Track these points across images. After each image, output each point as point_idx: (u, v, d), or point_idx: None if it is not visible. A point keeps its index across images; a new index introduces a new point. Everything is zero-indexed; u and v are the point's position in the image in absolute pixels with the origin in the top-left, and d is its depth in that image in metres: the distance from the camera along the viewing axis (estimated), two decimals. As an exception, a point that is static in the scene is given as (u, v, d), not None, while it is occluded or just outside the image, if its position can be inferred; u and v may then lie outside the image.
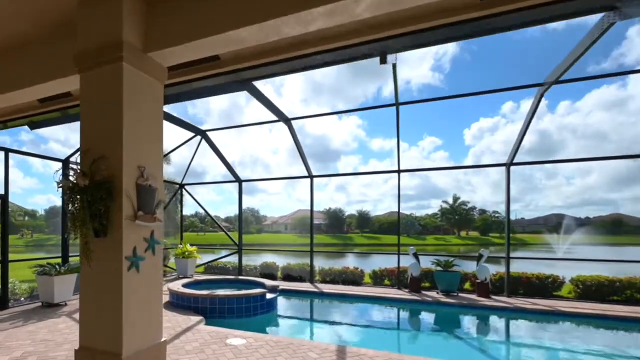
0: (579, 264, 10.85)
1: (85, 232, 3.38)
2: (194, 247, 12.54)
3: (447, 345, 6.62)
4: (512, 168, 9.26)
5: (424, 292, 9.49)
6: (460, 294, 9.18)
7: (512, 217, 70.18)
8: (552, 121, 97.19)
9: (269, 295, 7.96)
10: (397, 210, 10.66)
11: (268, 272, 11.88)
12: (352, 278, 10.80)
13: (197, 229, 69.94)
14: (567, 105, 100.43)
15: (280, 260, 12.51)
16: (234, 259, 12.80)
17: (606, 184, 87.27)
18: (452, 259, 9.85)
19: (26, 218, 65.37)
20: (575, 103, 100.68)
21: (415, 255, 9.79)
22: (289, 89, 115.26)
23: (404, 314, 8.72)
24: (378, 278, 10.75)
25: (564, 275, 9.18)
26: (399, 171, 10.42)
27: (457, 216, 70.73)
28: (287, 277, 11.50)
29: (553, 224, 66.26)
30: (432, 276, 9.95)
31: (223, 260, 13.02)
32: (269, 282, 8.92)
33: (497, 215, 70.30)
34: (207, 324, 6.71)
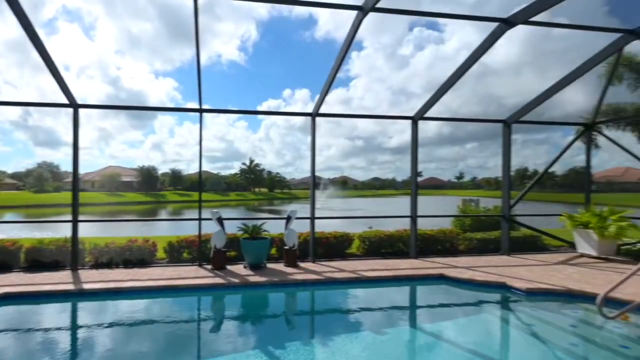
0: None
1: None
2: None
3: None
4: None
5: (229, 267, 6.41)
6: (268, 265, 6.60)
7: (287, 177, 76.15)
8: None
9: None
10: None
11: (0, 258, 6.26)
12: (140, 255, 6.64)
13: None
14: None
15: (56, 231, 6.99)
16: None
17: (338, 156, 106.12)
18: (262, 222, 7.06)
19: None
20: (325, 97, 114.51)
21: (220, 221, 6.46)
22: (102, 35, 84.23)
23: (207, 312, 5.21)
24: (175, 252, 6.96)
25: (353, 232, 7.99)
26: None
27: (252, 176, 70.28)
28: (35, 265, 6.24)
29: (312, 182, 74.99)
30: (238, 244, 7.11)
31: None
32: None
33: (279, 175, 74.22)
34: None
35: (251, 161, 71.06)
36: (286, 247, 6.65)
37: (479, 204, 11.52)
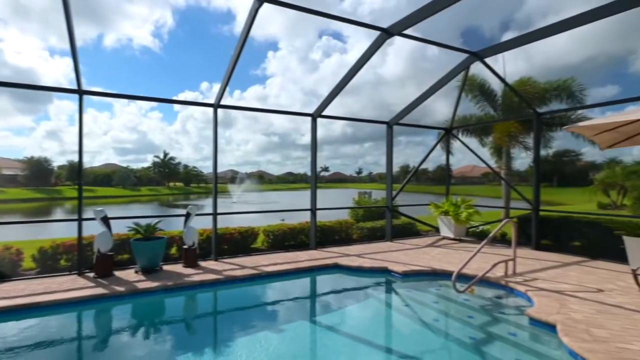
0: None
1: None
2: None
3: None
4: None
5: (117, 273, 5.10)
6: (164, 267, 5.50)
7: (205, 171, 70.10)
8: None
9: None
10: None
11: None
12: (-8, 268, 4.80)
13: None
14: (237, 93, 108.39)
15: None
16: None
17: (256, 151, 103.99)
18: (157, 220, 5.79)
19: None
20: (243, 93, 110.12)
21: (105, 221, 5.13)
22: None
23: (78, 333, 3.78)
24: (49, 259, 5.30)
25: (258, 226, 7.43)
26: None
27: (167, 170, 61.94)
28: None
29: (229, 177, 70.84)
30: (130, 246, 5.77)
31: None
32: None
33: (196, 169, 67.62)
34: None
35: (165, 154, 62.57)
36: (185, 247, 5.68)
37: (371, 196, 12.25)
